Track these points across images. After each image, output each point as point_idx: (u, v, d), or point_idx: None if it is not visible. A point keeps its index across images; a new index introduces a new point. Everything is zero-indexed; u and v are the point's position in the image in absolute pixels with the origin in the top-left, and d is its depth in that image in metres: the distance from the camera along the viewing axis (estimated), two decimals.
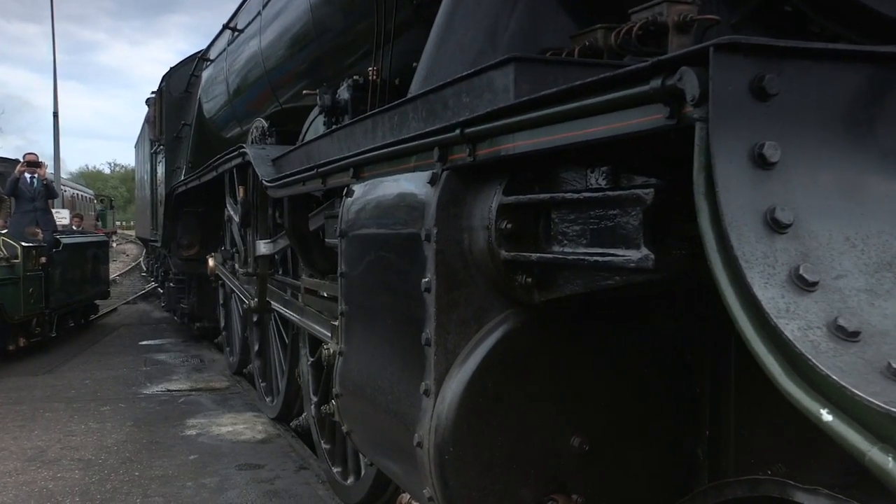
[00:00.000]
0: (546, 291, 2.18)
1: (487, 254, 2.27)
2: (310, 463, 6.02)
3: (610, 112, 1.64)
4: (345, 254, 3.18)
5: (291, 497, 5.29)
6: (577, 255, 1.95)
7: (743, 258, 1.21)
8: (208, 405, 8.08)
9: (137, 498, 5.25)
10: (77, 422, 7.34)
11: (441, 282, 2.34)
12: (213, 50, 10.72)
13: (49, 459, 6.14)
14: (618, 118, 1.62)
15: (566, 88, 1.68)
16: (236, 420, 7.43)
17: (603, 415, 2.42)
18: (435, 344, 2.35)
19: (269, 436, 6.89)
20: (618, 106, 1.61)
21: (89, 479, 5.67)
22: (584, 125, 1.72)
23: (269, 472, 5.83)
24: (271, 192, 4.92)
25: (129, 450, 6.39)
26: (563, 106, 1.75)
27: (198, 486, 5.49)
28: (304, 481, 5.61)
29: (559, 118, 1.78)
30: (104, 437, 6.78)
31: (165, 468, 5.89)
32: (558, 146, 1.81)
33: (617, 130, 1.63)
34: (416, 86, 3.06)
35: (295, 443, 6.62)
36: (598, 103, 1.65)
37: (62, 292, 11.88)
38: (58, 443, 6.61)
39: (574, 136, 1.74)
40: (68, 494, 5.36)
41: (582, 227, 1.96)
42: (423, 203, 2.45)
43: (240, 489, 5.43)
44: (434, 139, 2.39)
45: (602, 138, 1.66)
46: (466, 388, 2.26)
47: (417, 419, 2.44)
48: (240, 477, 5.69)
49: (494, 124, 2.05)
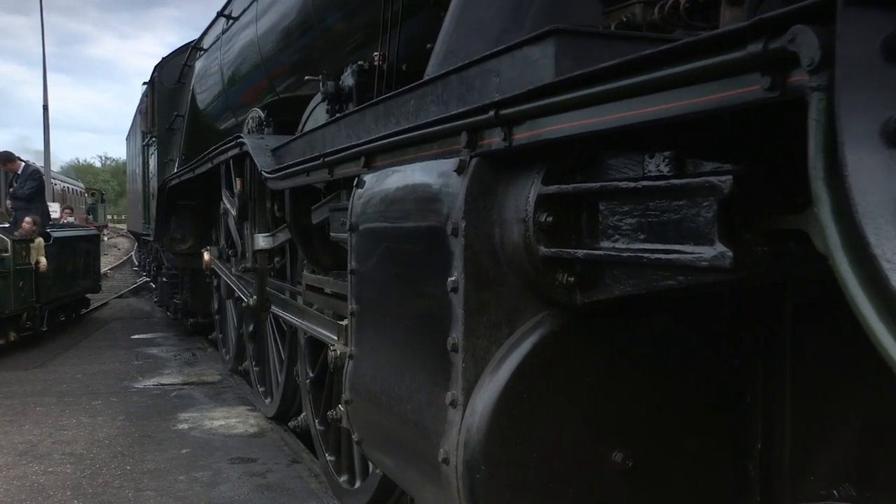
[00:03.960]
0: (590, 292, 1.95)
1: (523, 250, 2.04)
2: (302, 457, 5.98)
3: (685, 86, 1.41)
4: (355, 249, 2.95)
5: (284, 491, 5.24)
6: (632, 251, 1.72)
7: (884, 257, 0.98)
8: (201, 399, 8.04)
9: (129, 492, 5.19)
10: (68, 416, 7.26)
11: (470, 281, 2.11)
12: (206, 39, 10.46)
13: (40, 454, 6.06)
14: (695, 93, 1.39)
15: (634, 59, 1.45)
16: (229, 414, 7.39)
17: (647, 427, 2.20)
18: (463, 350, 2.12)
19: (262, 429, 6.84)
20: (698, 78, 1.38)
21: (81, 473, 5.61)
22: (649, 103, 1.49)
23: (261, 465, 5.79)
24: (271, 184, 4.67)
25: (121, 444, 6.34)
26: (626, 81, 1.51)
27: (190, 479, 5.44)
28: (296, 475, 5.56)
29: (620, 94, 1.55)
30: (96, 431, 6.71)
31: (157, 462, 5.84)
32: (617, 127, 1.57)
33: (693, 108, 1.40)
34: (434, 67, 2.82)
35: (287, 436, 6.57)
36: (672, 76, 1.41)
37: (53, 286, 11.76)
38: (49, 437, 6.54)
39: (638, 114, 1.51)
40: (60, 488, 5.29)
41: (638, 221, 1.73)
42: (448, 194, 2.21)
43: (232, 483, 5.38)
44: (462, 123, 2.15)
45: (670, 117, 1.43)
46: (499, 399, 2.03)
47: (442, 432, 2.21)
48: (232, 470, 5.65)
49: (538, 104, 1.81)
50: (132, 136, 18.94)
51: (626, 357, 2.16)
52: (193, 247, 10.08)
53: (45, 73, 24.26)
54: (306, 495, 5.15)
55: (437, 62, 2.81)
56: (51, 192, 21.40)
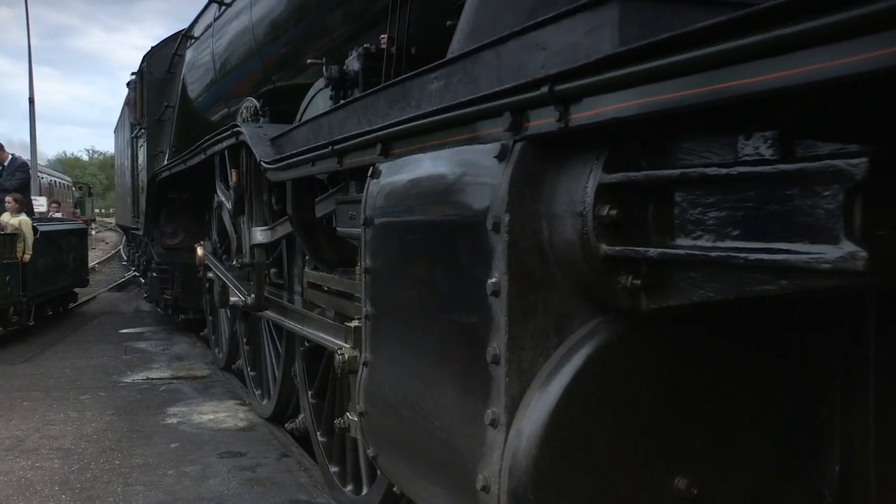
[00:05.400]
0: (659, 297, 1.68)
1: (578, 247, 1.76)
2: (292, 451, 5.90)
3: (803, 49, 1.14)
4: (370, 245, 2.67)
5: (273, 485, 5.16)
6: (721, 251, 1.45)
7: None
8: (189, 393, 7.93)
9: (118, 486, 5.10)
10: (56, 411, 7.14)
11: (514, 283, 1.84)
12: (197, 27, 10.10)
13: (27, 449, 5.95)
14: (813, 57, 1.13)
15: (748, 14, 1.18)
16: (218, 408, 7.29)
17: (712, 450, 1.93)
18: (506, 362, 1.85)
19: (251, 424, 6.75)
20: (823, 38, 1.11)
21: (69, 468, 5.49)
22: (759, 70, 1.22)
23: (250, 459, 5.70)
24: (272, 175, 4.37)
25: (110, 438, 6.23)
26: (731, 43, 1.24)
27: (179, 474, 5.35)
28: (286, 469, 5.49)
29: (720, 60, 1.28)
30: (84, 426, 6.60)
31: (146, 456, 5.74)
32: (708, 102, 1.30)
33: (819, 75, 1.13)
34: (460, 44, 2.54)
35: (277, 431, 6.47)
36: (791, 35, 1.14)
37: (40, 280, 11.55)
38: (36, 432, 6.43)
39: (747, 84, 1.24)
40: (47, 483, 5.17)
41: (730, 214, 1.45)
42: (486, 184, 1.94)
43: (221, 477, 5.30)
44: (505, 102, 1.87)
45: (797, 86, 1.16)
46: (550, 420, 1.77)
47: (480, 456, 1.94)
48: (221, 465, 5.56)
49: (606, 76, 1.54)
50: (120, 128, 18.55)
51: (689, 370, 1.89)
52: (184, 241, 9.80)
53: (31, 66, 23.99)
54: (296, 489, 5.08)
55: (462, 38, 2.53)
56: (37, 186, 21.08)
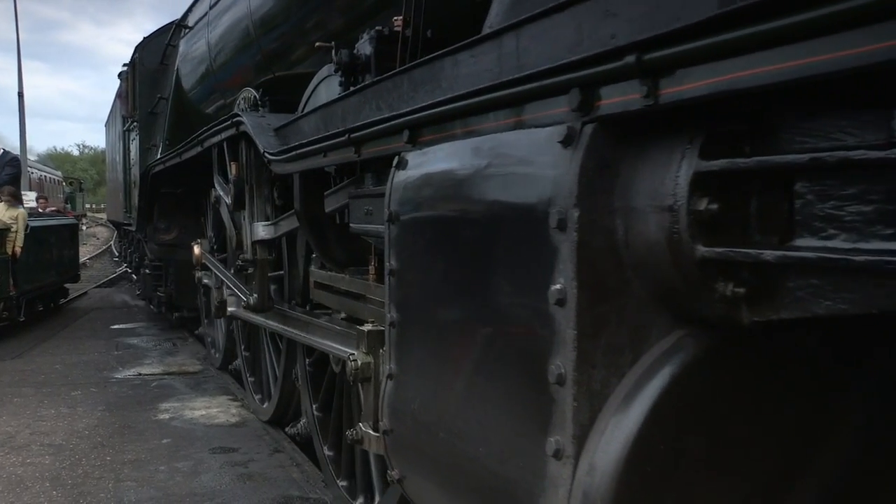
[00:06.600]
0: (767, 308, 1.40)
1: (665, 248, 1.48)
2: (283, 446, 5.87)
3: None
4: (396, 245, 2.39)
5: (265, 480, 5.13)
6: (869, 254, 1.17)
7: None
8: (181, 389, 7.88)
9: (109, 482, 5.06)
10: (47, 406, 7.07)
11: (584, 291, 1.56)
12: (191, 16, 9.77)
13: (18, 445, 5.89)
14: None
15: None
16: (210, 404, 7.25)
17: (812, 481, 1.66)
18: (574, 383, 1.57)
19: (243, 419, 6.71)
20: None
21: (60, 464, 5.45)
22: None
23: (242, 455, 5.68)
24: (276, 168, 4.07)
25: (101, 434, 6.20)
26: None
27: (171, 469, 5.32)
28: (278, 464, 5.46)
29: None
30: (75, 422, 6.54)
31: (138, 452, 5.71)
32: (883, 61, 1.03)
33: None
34: (499, 17, 2.26)
35: (269, 426, 6.40)
36: None
37: (31, 276, 11.37)
38: (27, 428, 6.36)
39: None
40: (38, 480, 5.12)
41: (878, 208, 1.18)
42: (549, 174, 1.65)
43: (213, 472, 5.27)
44: (573, 76, 1.59)
45: None
46: (630, 452, 1.49)
47: (540, 492, 1.66)
48: (213, 460, 5.54)
49: (713, 40, 1.25)
50: (111, 122, 18.15)
51: (790, 391, 1.62)
52: (179, 238, 9.52)
53: (20, 60, 23.64)
54: (288, 484, 5.03)
55: (502, 11, 2.25)
56: (27, 182, 20.75)
